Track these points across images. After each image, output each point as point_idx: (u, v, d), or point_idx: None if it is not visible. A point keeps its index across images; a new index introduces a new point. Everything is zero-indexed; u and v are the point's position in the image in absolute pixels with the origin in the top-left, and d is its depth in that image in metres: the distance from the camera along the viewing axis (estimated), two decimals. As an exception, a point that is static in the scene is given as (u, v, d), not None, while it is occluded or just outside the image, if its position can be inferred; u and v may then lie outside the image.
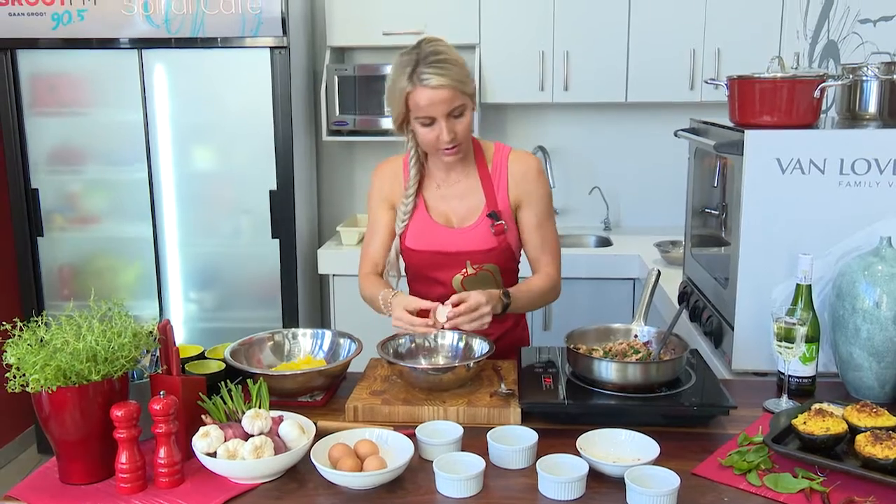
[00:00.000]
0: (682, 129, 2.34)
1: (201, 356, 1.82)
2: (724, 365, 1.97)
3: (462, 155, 1.90)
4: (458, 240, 1.94)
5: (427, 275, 1.98)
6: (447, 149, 1.85)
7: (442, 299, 1.77)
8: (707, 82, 2.19)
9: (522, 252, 2.04)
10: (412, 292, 1.99)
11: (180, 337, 3.58)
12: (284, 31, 3.31)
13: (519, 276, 2.06)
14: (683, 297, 2.40)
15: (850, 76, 2.01)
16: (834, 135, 1.82)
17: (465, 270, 1.95)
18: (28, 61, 3.42)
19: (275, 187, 3.47)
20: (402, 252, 2.00)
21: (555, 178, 3.89)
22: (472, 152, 1.99)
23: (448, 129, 1.81)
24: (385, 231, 2.02)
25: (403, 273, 2.05)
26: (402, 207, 1.96)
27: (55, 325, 1.40)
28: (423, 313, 1.76)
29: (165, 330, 1.47)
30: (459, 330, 1.77)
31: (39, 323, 1.40)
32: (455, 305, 1.73)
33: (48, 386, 1.31)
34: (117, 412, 1.33)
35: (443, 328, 1.74)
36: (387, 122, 3.62)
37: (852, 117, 2.04)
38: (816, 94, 1.82)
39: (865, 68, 1.99)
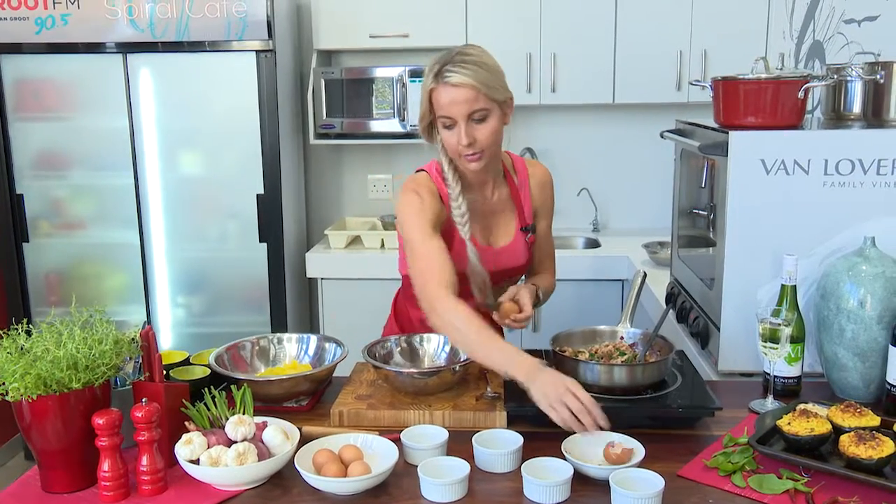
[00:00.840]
0: (668, 131, 2.34)
1: (186, 362, 1.81)
2: (710, 366, 1.97)
3: (483, 164, 1.77)
4: (496, 260, 1.91)
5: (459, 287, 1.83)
6: (468, 155, 1.75)
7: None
8: (692, 84, 2.19)
9: None
10: None
11: (168, 342, 3.61)
12: (270, 35, 3.30)
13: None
14: (670, 298, 2.40)
15: (835, 76, 2.02)
16: (818, 135, 1.82)
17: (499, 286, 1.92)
18: (12, 66, 3.40)
19: (262, 191, 3.45)
20: None
21: (543, 179, 3.88)
22: (501, 168, 1.92)
23: (466, 133, 1.71)
24: (444, 246, 1.76)
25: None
26: (456, 211, 1.81)
27: (35, 332, 1.39)
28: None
29: (147, 336, 1.46)
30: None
31: (20, 330, 1.38)
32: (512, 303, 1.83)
33: (28, 394, 1.29)
34: (99, 420, 1.32)
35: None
36: (375, 125, 3.61)
37: (837, 118, 2.04)
38: (800, 94, 1.83)
39: (850, 68, 1.99)
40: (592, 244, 3.83)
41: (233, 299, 3.59)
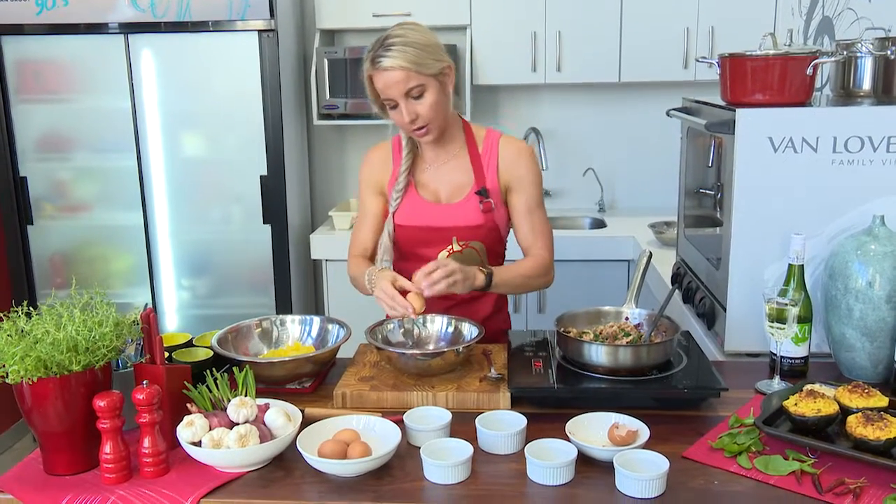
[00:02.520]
0: (674, 109, 2.31)
1: (189, 344, 1.80)
2: (716, 346, 1.96)
3: (434, 136, 1.90)
4: (445, 215, 1.95)
5: (414, 251, 1.98)
6: (415, 130, 1.86)
7: None
8: (699, 61, 2.16)
9: (511, 238, 2.03)
10: (398, 270, 1.97)
11: (174, 325, 3.61)
12: (272, 14, 3.27)
13: (505, 261, 2.05)
14: (676, 278, 2.38)
15: (844, 53, 1.98)
16: (826, 112, 1.79)
17: (451, 247, 1.95)
18: (13, 48, 3.38)
19: (265, 173, 3.44)
20: (395, 227, 1.99)
21: (548, 159, 3.86)
22: (463, 133, 1.99)
23: (408, 111, 1.82)
24: (375, 217, 2.03)
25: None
26: (396, 186, 1.97)
27: (36, 315, 1.38)
28: (405, 294, 1.76)
29: (148, 319, 1.45)
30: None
31: (20, 313, 1.38)
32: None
33: (28, 377, 1.29)
34: (100, 402, 1.31)
35: (418, 314, 1.74)
36: (378, 106, 3.58)
37: (846, 95, 2.01)
38: (809, 71, 1.80)
39: (859, 44, 1.96)
40: (598, 224, 3.80)
41: (237, 281, 3.59)
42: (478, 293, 1.91)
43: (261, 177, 3.44)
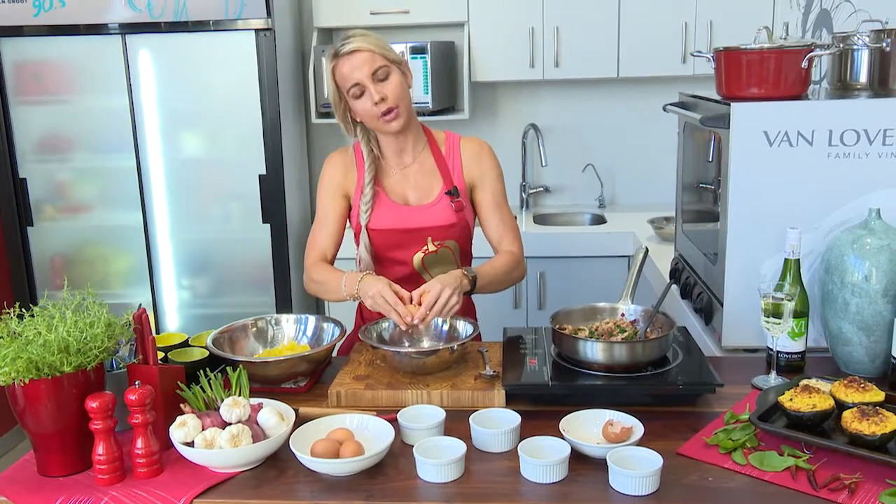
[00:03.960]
0: (671, 104, 2.30)
1: (185, 344, 1.80)
2: (714, 342, 1.95)
3: (402, 121, 1.88)
4: (418, 216, 1.95)
5: (388, 255, 1.98)
6: (384, 114, 1.85)
7: (403, 280, 1.85)
8: (694, 55, 2.15)
9: (477, 235, 2.05)
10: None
11: (174, 324, 3.61)
12: (269, 13, 3.26)
13: (472, 259, 2.07)
14: (674, 274, 2.37)
15: (840, 45, 1.97)
16: (822, 106, 1.78)
17: (426, 248, 1.96)
18: (11, 49, 3.38)
19: (264, 171, 3.44)
20: (368, 234, 1.97)
21: (547, 156, 3.85)
22: (425, 136, 2.01)
23: (377, 91, 1.83)
24: (335, 221, 2.01)
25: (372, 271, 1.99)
26: (364, 197, 1.95)
27: (28, 316, 1.38)
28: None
29: (141, 319, 1.45)
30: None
31: (12, 314, 1.38)
32: (419, 302, 1.71)
33: (20, 378, 1.29)
34: (92, 403, 1.31)
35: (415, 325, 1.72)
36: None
37: (843, 87, 2.00)
38: (804, 64, 1.79)
39: (856, 37, 1.94)
40: (598, 220, 3.79)
41: (237, 280, 3.59)
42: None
43: (259, 176, 3.44)
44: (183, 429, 1.35)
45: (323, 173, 2.04)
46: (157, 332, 1.75)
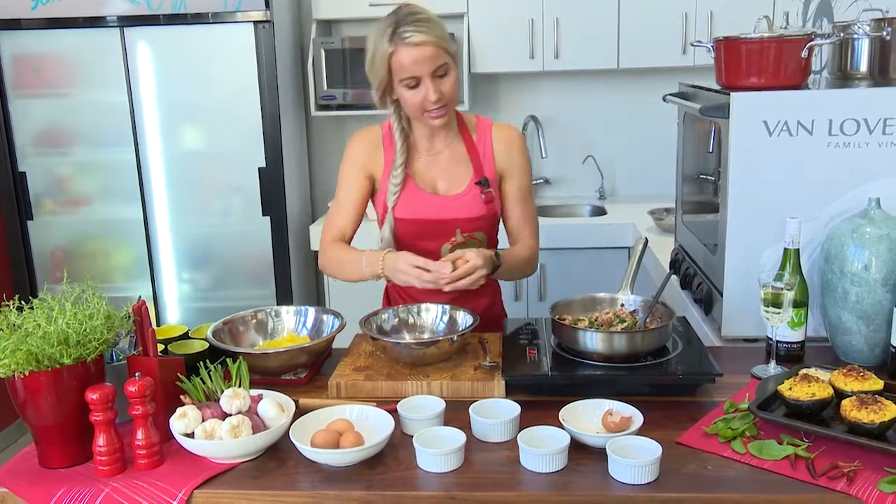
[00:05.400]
0: (671, 94, 2.30)
1: (185, 336, 1.80)
2: (714, 332, 1.95)
3: (448, 118, 1.85)
4: (447, 207, 1.92)
5: (415, 245, 1.94)
6: (434, 110, 1.81)
7: None
8: (693, 45, 2.14)
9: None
10: None
11: (175, 317, 3.62)
12: (268, 5, 3.26)
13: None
14: (674, 264, 2.37)
15: (840, 34, 1.96)
16: (822, 95, 1.78)
17: (453, 239, 1.92)
18: (9, 43, 3.38)
19: (264, 164, 3.44)
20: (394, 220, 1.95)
21: (547, 147, 3.85)
22: (456, 122, 1.97)
23: (434, 89, 1.77)
24: (356, 201, 1.97)
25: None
26: (393, 180, 1.91)
27: (28, 309, 1.38)
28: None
29: (140, 311, 1.45)
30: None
31: (11, 307, 1.38)
32: (454, 263, 1.71)
33: (20, 370, 1.29)
34: (92, 395, 1.31)
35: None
36: (376, 96, 3.57)
37: (844, 77, 1.99)
38: (804, 53, 1.78)
39: (856, 26, 1.94)
40: (599, 212, 3.79)
41: (238, 273, 3.60)
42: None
43: (259, 169, 3.44)
44: (183, 420, 1.35)
45: (347, 151, 1.98)
46: (158, 326, 1.75)
